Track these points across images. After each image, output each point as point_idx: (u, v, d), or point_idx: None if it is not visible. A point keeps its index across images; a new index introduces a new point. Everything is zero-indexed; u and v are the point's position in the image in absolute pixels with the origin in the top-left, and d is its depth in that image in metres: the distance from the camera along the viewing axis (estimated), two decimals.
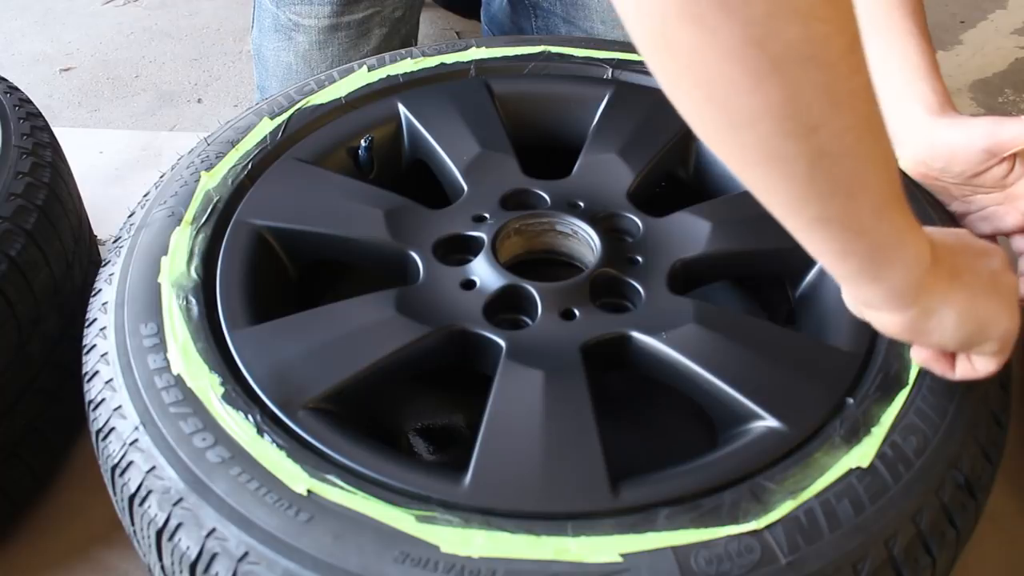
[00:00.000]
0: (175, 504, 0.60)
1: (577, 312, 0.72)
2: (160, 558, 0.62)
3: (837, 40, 0.46)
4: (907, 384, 0.66)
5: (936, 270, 0.59)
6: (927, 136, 0.80)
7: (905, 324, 0.61)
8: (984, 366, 0.65)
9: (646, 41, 0.47)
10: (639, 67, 0.95)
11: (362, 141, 0.89)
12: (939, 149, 0.80)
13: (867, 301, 0.61)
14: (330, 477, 0.60)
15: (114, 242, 0.80)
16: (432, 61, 0.95)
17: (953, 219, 0.82)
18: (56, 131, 0.99)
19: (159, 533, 0.60)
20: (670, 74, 0.48)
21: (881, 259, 0.57)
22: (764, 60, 0.45)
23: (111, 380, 0.67)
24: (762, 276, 0.91)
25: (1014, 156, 0.78)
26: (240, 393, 0.65)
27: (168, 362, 0.67)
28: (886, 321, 0.61)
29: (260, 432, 0.63)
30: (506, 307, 0.74)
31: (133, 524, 0.64)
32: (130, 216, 0.82)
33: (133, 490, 0.62)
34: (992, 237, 0.83)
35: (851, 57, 0.47)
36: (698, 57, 0.45)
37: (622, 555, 0.56)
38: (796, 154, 0.49)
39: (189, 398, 0.65)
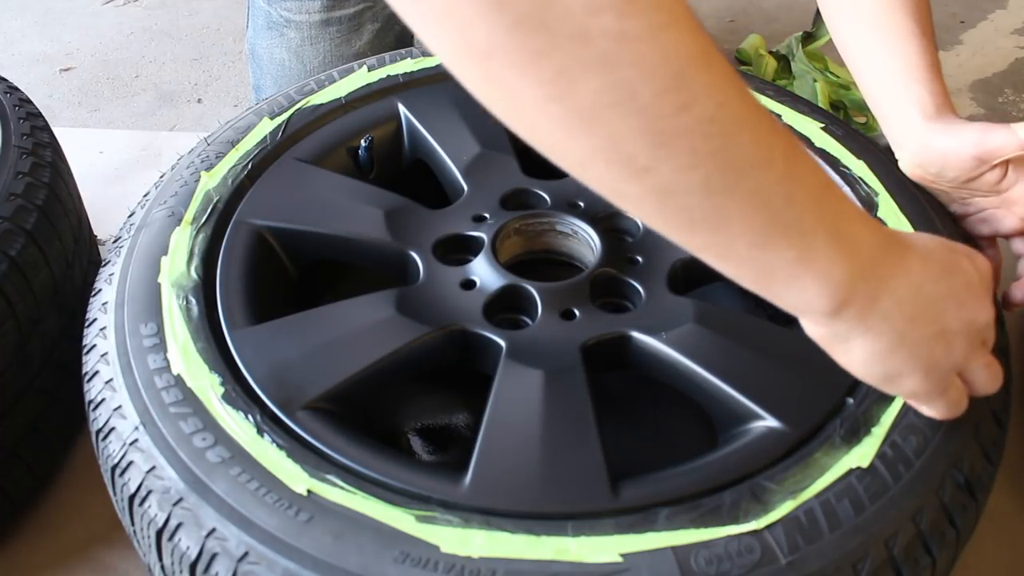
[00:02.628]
0: (175, 504, 0.60)
1: (577, 312, 0.72)
2: (160, 558, 0.62)
3: (646, 83, 0.45)
4: None
5: (850, 304, 0.54)
6: (921, 141, 0.80)
7: (819, 339, 0.57)
8: (925, 409, 0.62)
9: (472, 88, 0.48)
10: None
11: (362, 141, 0.89)
12: (932, 155, 0.80)
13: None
14: (330, 477, 0.60)
15: (114, 242, 0.80)
16: (432, 61, 0.95)
17: (954, 221, 0.82)
18: (56, 131, 0.99)
19: (159, 533, 0.60)
20: (504, 118, 0.48)
21: (772, 287, 0.54)
22: (569, 113, 0.45)
23: (111, 380, 0.67)
24: None
25: (1006, 162, 0.77)
26: (240, 393, 0.65)
27: (168, 362, 0.67)
28: (807, 328, 0.57)
29: (260, 432, 0.63)
30: (506, 307, 0.74)
31: (133, 524, 0.64)
32: (130, 216, 0.82)
33: (133, 490, 0.62)
34: (992, 239, 0.83)
35: (672, 96, 0.45)
36: (516, 110, 0.47)
37: (622, 555, 0.56)
38: (639, 193, 0.49)
39: (189, 398, 0.65)
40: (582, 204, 0.82)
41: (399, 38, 1.41)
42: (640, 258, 0.77)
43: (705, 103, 0.46)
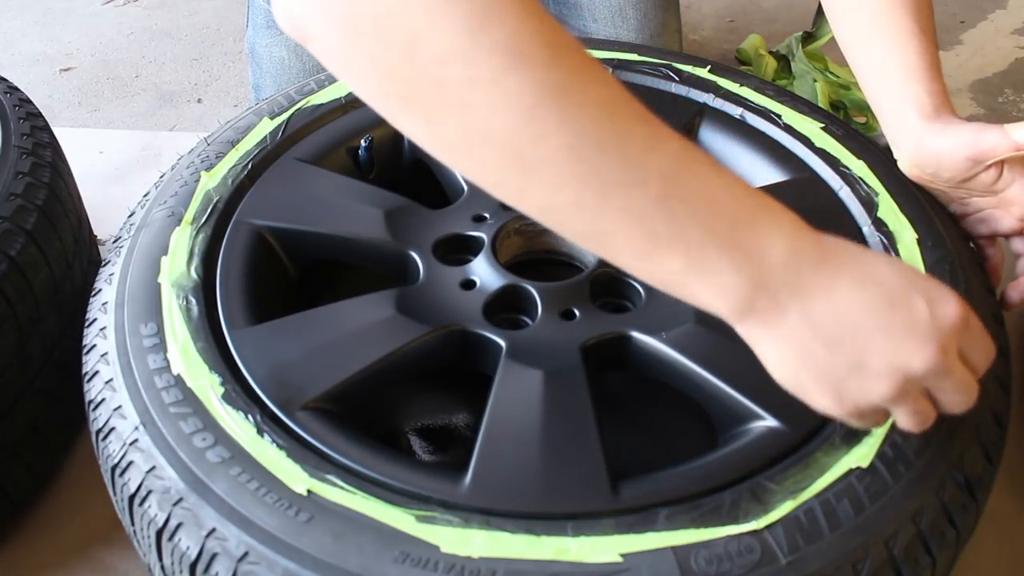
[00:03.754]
0: (175, 504, 0.60)
1: (577, 312, 0.72)
2: (160, 558, 0.62)
3: (500, 120, 0.50)
4: None
5: (750, 312, 0.54)
6: (917, 141, 0.80)
7: (742, 335, 0.57)
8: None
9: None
10: (639, 67, 0.95)
11: (362, 141, 0.89)
12: (928, 155, 0.80)
13: None
14: (330, 477, 0.60)
15: (114, 242, 0.80)
16: None
17: (954, 220, 0.82)
18: (56, 131, 0.99)
19: (159, 533, 0.60)
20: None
21: (671, 290, 0.55)
22: (444, 148, 0.54)
23: (111, 380, 0.67)
24: None
25: (1001, 163, 0.77)
26: (240, 393, 0.65)
27: (168, 362, 0.67)
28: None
29: (260, 432, 0.63)
30: (506, 307, 0.74)
31: (133, 524, 0.64)
32: (130, 216, 0.82)
33: (133, 490, 0.62)
34: (991, 238, 0.83)
35: (527, 128, 0.50)
36: (416, 140, 0.54)
37: (622, 555, 0.56)
38: (525, 210, 0.54)
39: (189, 398, 0.65)
40: None
41: None
42: None
43: (560, 133, 0.50)
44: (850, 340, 0.54)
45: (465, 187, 0.84)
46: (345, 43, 0.52)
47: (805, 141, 0.87)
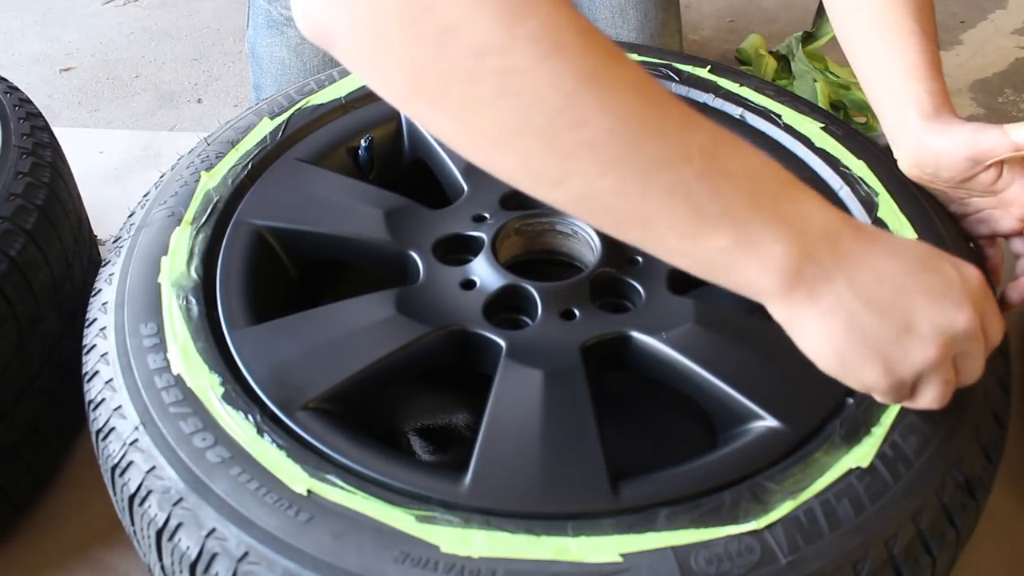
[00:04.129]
0: (175, 504, 0.60)
1: (577, 312, 0.72)
2: (160, 558, 0.62)
3: (538, 108, 0.50)
4: None
5: (798, 284, 0.54)
6: (917, 141, 0.80)
7: (780, 321, 0.57)
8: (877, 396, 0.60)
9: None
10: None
11: (362, 141, 0.89)
12: (927, 155, 0.80)
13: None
14: (330, 477, 0.60)
15: (114, 242, 0.80)
16: None
17: (954, 220, 0.82)
18: (56, 131, 0.99)
19: (159, 533, 0.60)
20: (447, 144, 0.55)
21: (715, 273, 0.55)
22: (480, 141, 0.53)
23: (111, 380, 0.67)
24: None
25: (1001, 163, 0.77)
26: (240, 393, 0.65)
27: (168, 362, 0.67)
28: (771, 311, 0.58)
29: (260, 432, 0.63)
30: (506, 307, 0.74)
31: (133, 524, 0.64)
32: (130, 216, 0.82)
33: (133, 490, 0.62)
34: (991, 238, 0.83)
35: (566, 115, 0.50)
36: (446, 139, 0.54)
37: (622, 555, 0.56)
38: (563, 200, 0.54)
39: (189, 398, 0.65)
40: None
41: None
42: (640, 258, 0.77)
43: (601, 117, 0.51)
44: (896, 304, 0.55)
45: (465, 187, 0.84)
46: (372, 45, 0.52)
47: (805, 141, 0.87)
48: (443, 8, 0.49)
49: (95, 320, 0.73)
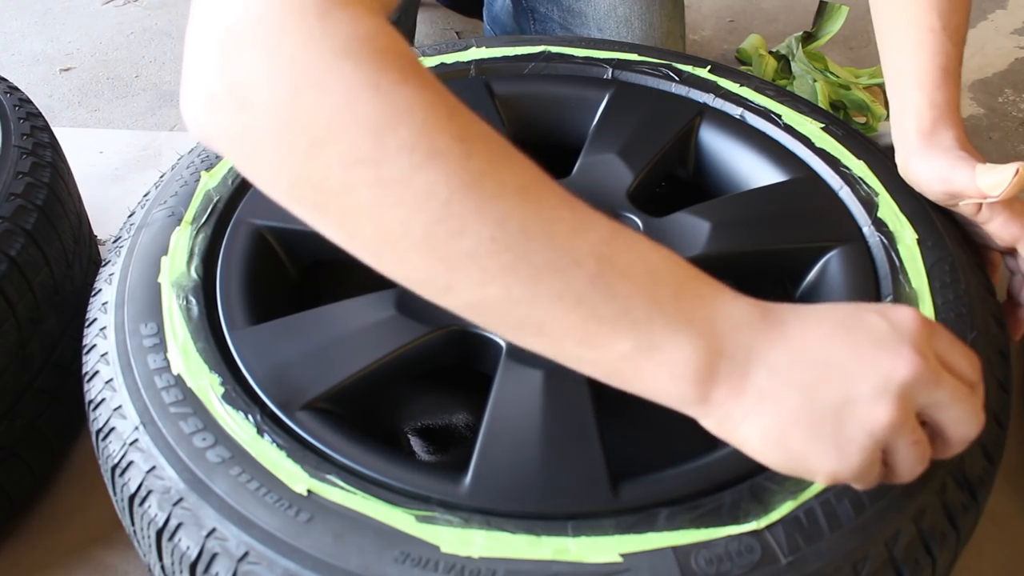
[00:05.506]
0: (175, 504, 0.60)
1: None
2: (160, 558, 0.62)
3: (415, 219, 0.49)
4: None
5: (715, 384, 0.50)
6: (905, 159, 0.80)
7: (713, 430, 0.52)
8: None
9: None
10: (639, 67, 0.95)
11: None
12: (910, 176, 0.80)
13: None
14: (330, 477, 0.60)
15: (114, 242, 0.80)
16: (432, 61, 0.95)
17: (954, 222, 0.81)
18: (56, 131, 0.99)
19: (159, 533, 0.60)
20: None
21: (626, 381, 0.52)
22: (364, 251, 0.52)
23: (111, 380, 0.67)
24: (762, 276, 0.91)
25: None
26: (240, 393, 0.65)
27: (168, 362, 0.67)
28: (701, 422, 0.53)
29: (260, 432, 0.63)
30: None
31: (133, 524, 0.64)
32: (130, 216, 0.82)
33: (133, 490, 0.62)
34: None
35: (444, 225, 0.49)
36: (331, 239, 0.53)
37: (622, 555, 0.56)
38: (456, 307, 0.52)
39: (189, 398, 0.65)
40: None
41: None
42: None
43: (480, 224, 0.49)
44: (824, 377, 0.50)
45: None
46: (249, 153, 0.51)
47: (805, 141, 0.87)
48: (312, 119, 0.48)
49: (95, 320, 0.73)
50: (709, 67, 0.95)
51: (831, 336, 0.51)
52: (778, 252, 0.80)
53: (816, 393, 0.50)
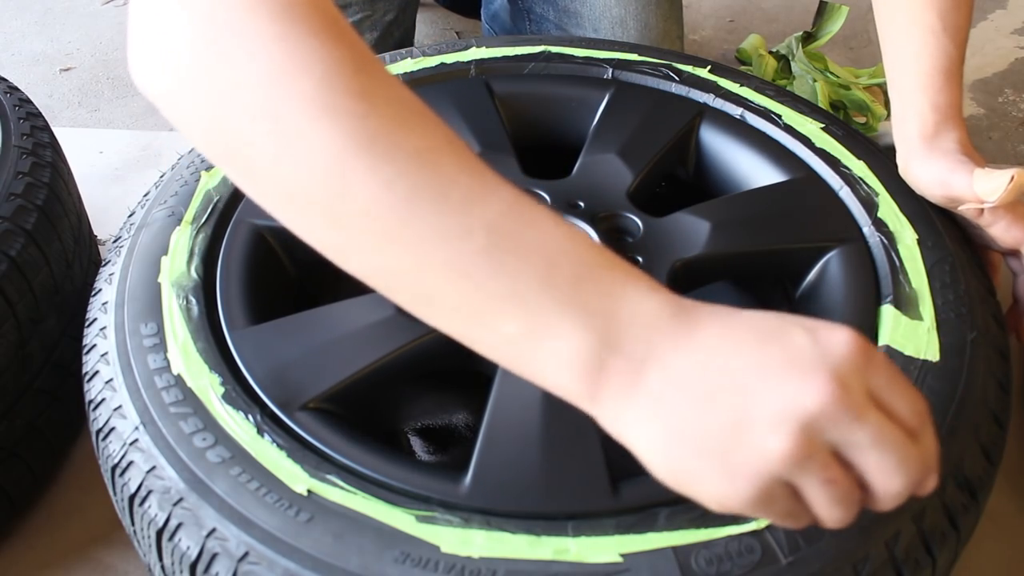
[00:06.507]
0: (175, 504, 0.60)
1: None
2: (160, 558, 0.62)
3: (308, 175, 0.48)
4: None
5: (605, 382, 0.46)
6: (906, 162, 0.80)
7: (604, 426, 0.48)
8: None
9: None
10: (639, 67, 0.95)
11: None
12: (910, 179, 0.80)
13: None
14: (330, 477, 0.60)
15: (114, 242, 0.80)
16: (432, 61, 0.95)
17: (955, 222, 0.81)
18: (56, 131, 0.99)
19: (159, 533, 0.60)
20: None
21: (516, 365, 0.50)
22: (270, 204, 0.53)
23: (111, 380, 0.67)
24: (762, 276, 0.91)
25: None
26: (240, 393, 0.65)
27: (168, 362, 0.67)
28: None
29: (260, 432, 0.63)
30: None
31: (133, 524, 0.64)
32: (130, 216, 0.82)
33: (133, 490, 0.62)
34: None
35: (334, 182, 0.48)
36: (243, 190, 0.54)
37: (622, 555, 0.56)
38: (354, 272, 0.52)
39: (189, 398, 0.65)
40: (582, 204, 0.82)
41: (397, 45, 1.41)
42: (640, 258, 0.77)
43: (369, 186, 0.47)
44: (724, 391, 0.45)
45: None
46: (173, 105, 0.53)
47: (805, 141, 0.87)
48: (221, 69, 0.49)
49: (95, 320, 0.73)
50: (709, 67, 0.95)
51: (743, 347, 0.46)
52: (778, 252, 0.80)
53: (710, 407, 0.45)
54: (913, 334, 0.69)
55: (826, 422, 0.44)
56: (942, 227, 0.79)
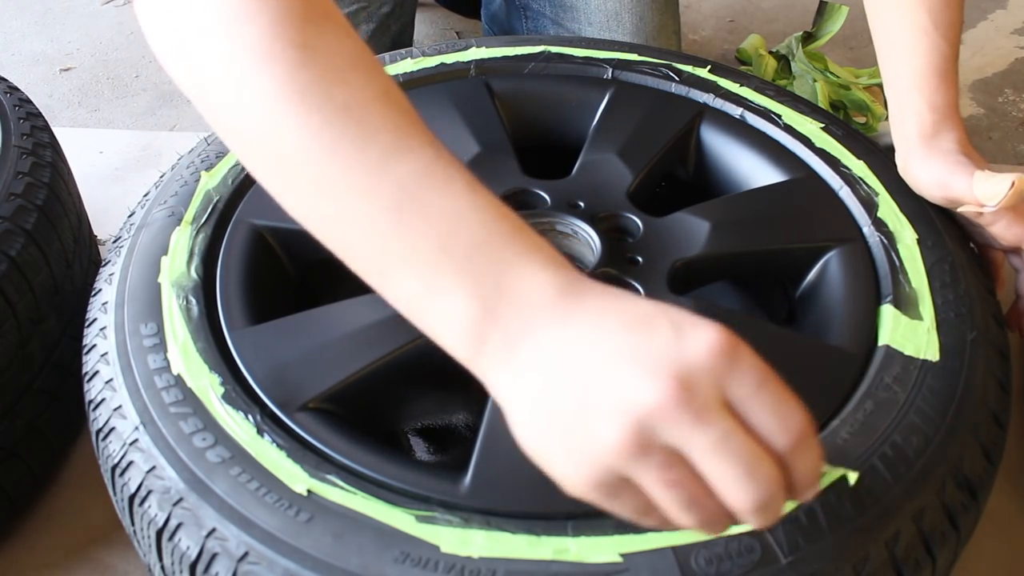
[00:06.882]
0: (175, 504, 0.60)
1: None
2: (160, 558, 0.62)
3: (247, 120, 0.52)
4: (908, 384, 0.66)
5: (482, 352, 0.48)
6: (906, 162, 0.80)
7: (487, 385, 0.49)
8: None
9: None
10: (639, 67, 0.95)
11: None
12: (909, 179, 0.80)
13: None
14: (330, 477, 0.60)
15: (114, 242, 0.80)
16: (432, 61, 0.95)
17: (955, 222, 0.81)
18: (56, 131, 0.99)
19: (159, 533, 0.60)
20: None
21: (410, 319, 0.51)
22: (228, 145, 0.56)
23: (111, 380, 0.67)
24: (762, 276, 0.91)
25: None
26: (240, 393, 0.65)
27: (168, 362, 0.67)
28: None
29: (260, 432, 0.63)
30: None
31: (133, 524, 0.64)
32: (130, 216, 0.82)
33: (133, 490, 0.62)
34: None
35: (266, 128, 0.51)
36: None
37: (622, 555, 0.56)
38: (294, 216, 0.54)
39: (189, 398, 0.65)
40: (582, 204, 0.82)
41: (394, 39, 1.41)
42: (640, 258, 0.77)
43: (296, 135, 0.50)
44: (575, 375, 0.44)
45: None
46: (161, 52, 0.56)
47: (805, 141, 0.87)
48: (187, 14, 0.53)
49: (95, 320, 0.73)
50: (709, 67, 0.95)
51: (607, 334, 0.45)
52: (778, 252, 0.80)
53: (563, 389, 0.45)
54: (913, 334, 0.69)
55: (662, 422, 0.43)
56: (942, 227, 0.79)
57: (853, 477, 0.56)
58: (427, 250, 0.48)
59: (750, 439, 0.43)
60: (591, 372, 0.44)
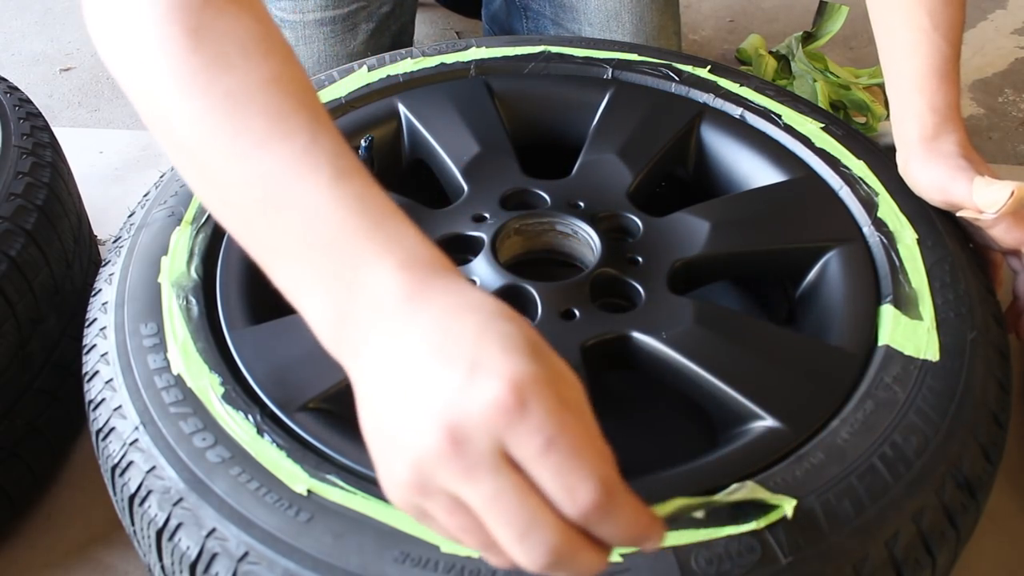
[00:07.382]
0: (175, 504, 0.60)
1: (577, 312, 0.72)
2: (160, 558, 0.62)
3: (151, 107, 0.53)
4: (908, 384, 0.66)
5: (338, 354, 0.48)
6: (906, 162, 0.80)
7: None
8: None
9: None
10: (639, 67, 0.95)
11: (362, 141, 0.89)
12: (910, 181, 0.80)
13: None
14: (330, 477, 0.60)
15: (114, 242, 0.80)
16: (432, 61, 0.95)
17: (954, 221, 0.81)
18: (56, 131, 0.99)
19: (159, 533, 0.60)
20: None
21: (295, 307, 0.50)
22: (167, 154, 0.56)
23: (111, 380, 0.67)
24: (762, 276, 0.91)
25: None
26: (240, 393, 0.65)
27: (168, 362, 0.67)
28: None
29: (260, 432, 0.63)
30: None
31: (133, 524, 0.64)
32: (130, 216, 0.82)
33: (133, 490, 0.62)
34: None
35: (164, 116, 0.52)
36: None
37: (622, 555, 0.56)
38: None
39: (189, 398, 0.65)
40: (582, 204, 0.82)
41: (394, 38, 1.41)
42: (640, 258, 0.77)
43: (179, 121, 0.51)
44: (384, 392, 0.44)
45: (465, 187, 0.84)
46: (96, 39, 0.57)
47: (805, 141, 0.87)
48: (109, 3, 0.54)
49: (95, 320, 0.73)
50: (709, 67, 0.95)
51: (415, 356, 0.44)
52: (778, 252, 0.80)
53: (377, 401, 0.45)
54: (913, 334, 0.69)
55: (435, 469, 0.42)
56: (942, 227, 0.79)
57: (790, 508, 0.55)
58: (291, 244, 0.49)
59: (531, 499, 0.41)
60: (394, 396, 0.44)
